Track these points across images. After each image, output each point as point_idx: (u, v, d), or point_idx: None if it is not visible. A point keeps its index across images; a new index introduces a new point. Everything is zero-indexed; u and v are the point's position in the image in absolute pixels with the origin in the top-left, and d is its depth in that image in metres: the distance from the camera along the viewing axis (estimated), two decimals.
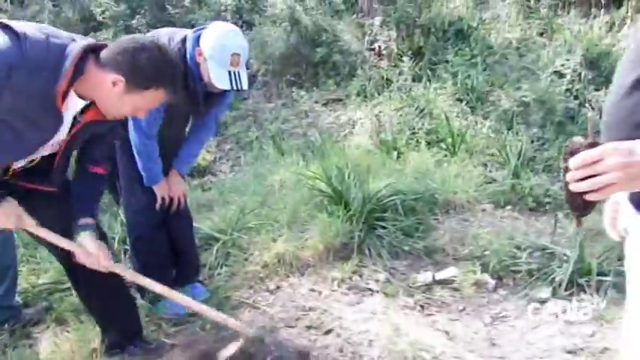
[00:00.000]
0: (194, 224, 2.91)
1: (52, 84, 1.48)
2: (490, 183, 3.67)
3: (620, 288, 2.24)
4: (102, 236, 1.95)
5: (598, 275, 2.36)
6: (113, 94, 1.58)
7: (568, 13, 6.06)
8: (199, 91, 2.25)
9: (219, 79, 2.13)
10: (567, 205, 0.99)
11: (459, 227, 3.11)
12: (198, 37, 2.18)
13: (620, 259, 2.54)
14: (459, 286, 2.55)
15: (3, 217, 1.71)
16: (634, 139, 0.90)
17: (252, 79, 6.52)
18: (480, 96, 4.96)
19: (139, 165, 2.33)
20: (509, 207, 3.41)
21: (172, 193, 2.45)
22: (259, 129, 5.57)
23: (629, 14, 5.81)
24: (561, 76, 4.63)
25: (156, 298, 2.46)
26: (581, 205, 0.95)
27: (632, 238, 1.08)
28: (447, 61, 5.58)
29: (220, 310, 2.38)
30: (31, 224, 1.79)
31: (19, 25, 1.47)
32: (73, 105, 1.62)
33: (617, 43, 5.24)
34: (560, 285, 2.41)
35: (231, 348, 1.91)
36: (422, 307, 2.44)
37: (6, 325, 2.40)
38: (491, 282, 2.57)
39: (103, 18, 8.34)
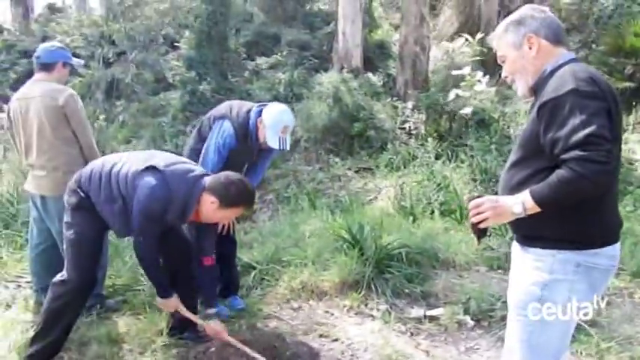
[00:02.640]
0: (238, 255, 3.69)
1: (184, 213, 2.54)
2: (487, 250, 4.30)
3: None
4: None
5: None
6: (211, 209, 2.54)
7: None
8: (254, 147, 3.11)
9: (272, 141, 3.04)
10: (471, 232, 1.72)
11: (454, 280, 3.74)
12: (260, 110, 3.11)
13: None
14: (444, 322, 3.17)
15: (169, 307, 2.69)
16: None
17: (295, 144, 7.45)
18: (491, 177, 5.67)
19: None
20: (500, 270, 4.02)
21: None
22: (297, 187, 6.40)
23: (636, 121, 6.53)
24: None
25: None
26: (477, 231, 1.68)
27: (513, 259, 1.79)
28: (466, 145, 6.36)
29: (253, 319, 3.13)
30: (182, 309, 2.71)
31: (166, 170, 2.50)
32: None
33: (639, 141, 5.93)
34: None
35: None
36: (412, 333, 3.08)
37: (94, 309, 3.16)
38: (471, 322, 3.19)
39: (174, 80, 9.59)
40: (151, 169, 2.50)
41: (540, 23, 1.70)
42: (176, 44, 10.52)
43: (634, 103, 6.68)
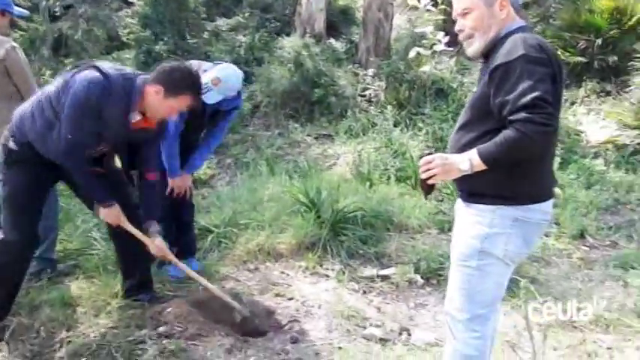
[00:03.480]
0: (195, 218, 3.69)
1: (126, 108, 2.37)
2: (439, 214, 4.46)
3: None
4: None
5: None
6: (156, 100, 2.38)
7: None
8: (208, 108, 3.07)
9: None
10: (420, 188, 1.81)
11: (406, 242, 3.88)
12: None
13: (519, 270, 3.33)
14: (395, 281, 3.31)
15: (112, 216, 2.54)
16: None
17: (255, 108, 7.41)
18: (447, 146, 5.80)
19: (165, 161, 3.11)
20: (450, 233, 4.13)
21: (184, 184, 3.25)
22: (256, 152, 6.40)
23: (584, 94, 6.80)
24: None
25: (161, 263, 3.21)
26: (426, 187, 1.77)
27: (456, 215, 1.89)
28: (424, 114, 6.48)
29: (209, 280, 3.16)
30: (125, 222, 2.58)
31: (104, 66, 2.37)
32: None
33: (569, 116, 6.19)
34: None
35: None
36: (364, 291, 3.21)
37: (44, 273, 3.10)
38: (421, 280, 3.34)
39: (128, 39, 9.21)
40: (87, 66, 2.36)
41: None
42: (130, 0, 10.10)
43: (584, 78, 6.93)
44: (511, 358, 2.34)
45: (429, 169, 1.72)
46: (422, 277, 3.37)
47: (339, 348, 2.55)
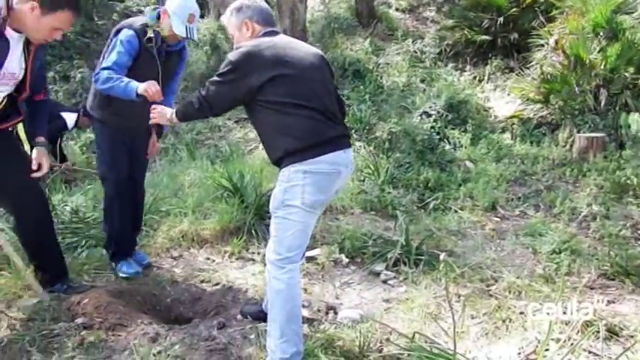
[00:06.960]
0: None
1: None
2: (361, 194, 4.56)
3: (427, 263, 3.18)
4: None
5: (416, 255, 3.27)
6: (33, 18, 2.25)
7: (446, 65, 7.32)
8: (161, 48, 2.90)
9: (179, 30, 2.82)
10: None
11: (331, 223, 3.94)
12: (157, 11, 2.88)
13: (438, 244, 3.50)
14: (321, 262, 3.35)
15: None
16: None
17: None
18: (366, 126, 5.95)
19: (120, 93, 2.75)
20: (373, 212, 4.31)
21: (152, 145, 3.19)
22: (175, 137, 6.20)
23: (491, 71, 7.19)
24: (428, 115, 5.74)
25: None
26: (156, 127, 2.50)
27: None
28: (343, 95, 6.56)
29: None
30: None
31: None
32: (15, 40, 2.31)
33: (477, 93, 6.52)
34: (391, 261, 3.29)
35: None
36: None
37: None
38: (345, 260, 3.41)
39: None
40: None
41: (253, 11, 2.27)
42: None
43: (490, 55, 7.29)
44: (432, 328, 2.45)
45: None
46: (346, 257, 3.43)
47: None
